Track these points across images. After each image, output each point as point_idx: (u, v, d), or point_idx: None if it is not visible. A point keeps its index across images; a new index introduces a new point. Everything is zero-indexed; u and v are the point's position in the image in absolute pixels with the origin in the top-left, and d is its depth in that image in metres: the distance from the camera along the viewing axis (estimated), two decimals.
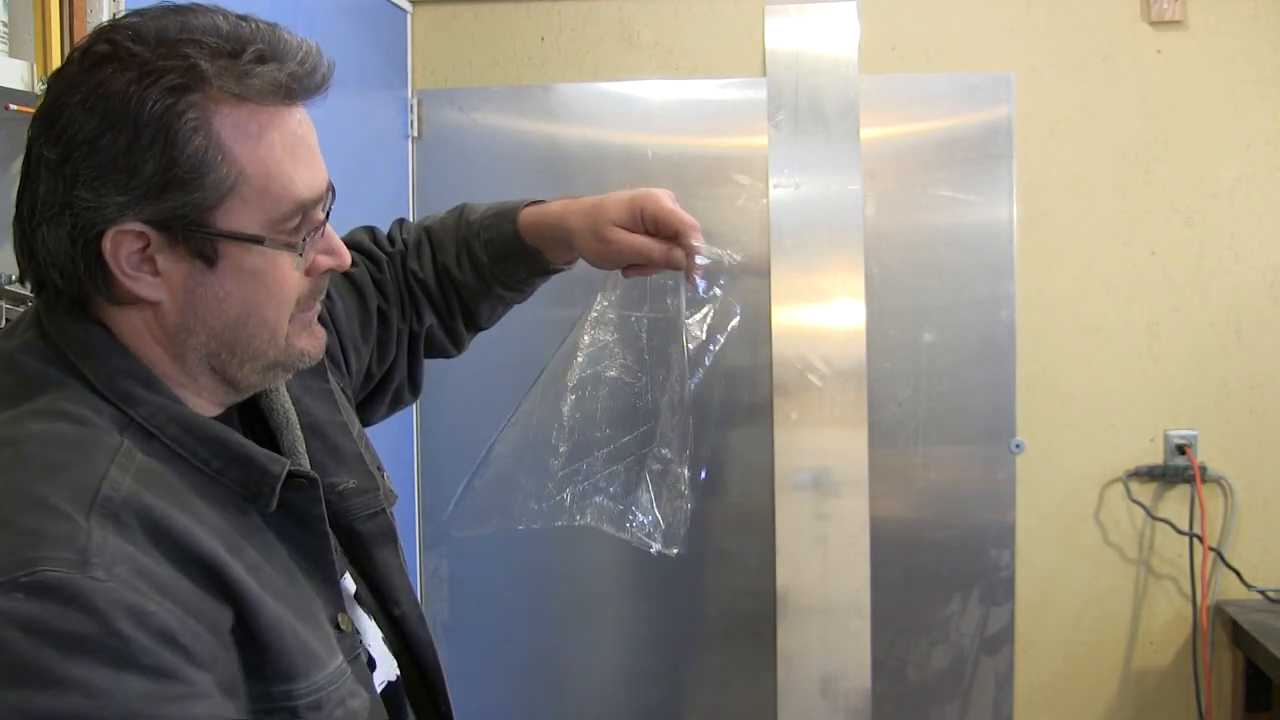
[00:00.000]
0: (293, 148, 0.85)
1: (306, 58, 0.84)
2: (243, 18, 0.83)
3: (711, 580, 2.46)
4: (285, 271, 0.86)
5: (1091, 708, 2.51)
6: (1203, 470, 2.42)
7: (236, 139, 0.81)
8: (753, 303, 2.27)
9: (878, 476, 2.33)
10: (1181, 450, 2.43)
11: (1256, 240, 2.42)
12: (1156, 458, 2.45)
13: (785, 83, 2.34)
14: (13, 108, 1.20)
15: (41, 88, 1.20)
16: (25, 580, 0.71)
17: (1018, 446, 2.41)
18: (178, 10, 0.82)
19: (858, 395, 2.30)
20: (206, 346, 0.86)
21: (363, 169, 2.28)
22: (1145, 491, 2.46)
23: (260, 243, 0.84)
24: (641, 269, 1.19)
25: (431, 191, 2.48)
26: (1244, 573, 2.42)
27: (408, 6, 2.50)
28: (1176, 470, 2.43)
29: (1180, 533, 2.44)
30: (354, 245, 1.25)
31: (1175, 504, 2.45)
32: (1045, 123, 2.43)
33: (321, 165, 0.88)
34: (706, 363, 1.18)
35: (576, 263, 1.26)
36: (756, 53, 2.46)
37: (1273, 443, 2.44)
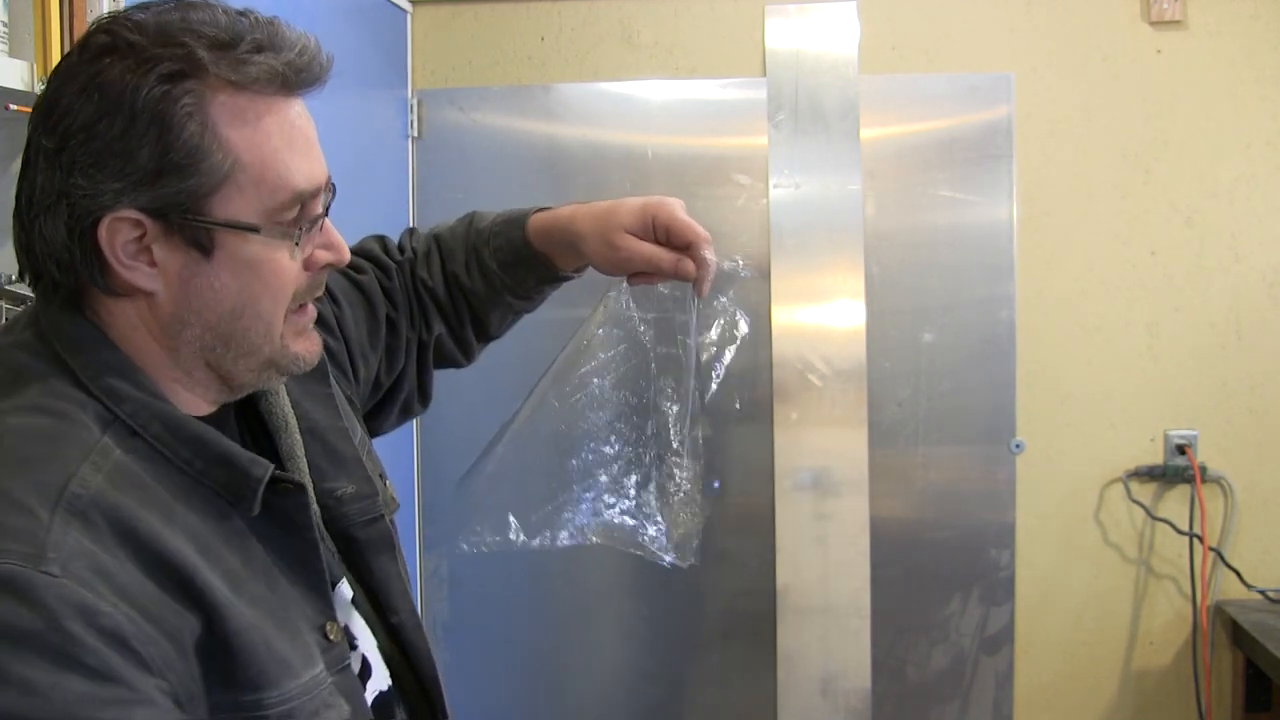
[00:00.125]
0: (290, 137, 0.84)
1: (304, 49, 0.84)
2: (242, 12, 0.84)
3: (711, 580, 2.46)
4: (282, 263, 0.85)
5: (1091, 708, 2.50)
6: (1203, 470, 2.42)
7: (233, 126, 0.81)
8: (753, 303, 2.28)
9: (878, 476, 2.33)
10: (1181, 450, 2.43)
11: (1256, 240, 2.42)
12: (1156, 458, 2.45)
13: (785, 83, 2.34)
14: (13, 108, 1.20)
15: (41, 88, 1.20)
16: None
17: (1018, 446, 2.41)
18: (178, 5, 0.83)
19: (858, 395, 2.30)
20: (201, 339, 0.85)
21: (363, 169, 2.27)
22: (1145, 491, 2.46)
23: (256, 232, 0.83)
24: (649, 277, 1.18)
25: (431, 191, 2.47)
26: (1244, 573, 2.42)
27: (408, 6, 2.50)
28: (1176, 470, 2.43)
29: (1180, 533, 2.44)
30: (364, 253, 1.25)
31: (1175, 504, 2.45)
32: (1045, 123, 2.43)
33: (320, 158, 0.88)
34: (716, 375, 1.18)
35: (586, 271, 1.25)
36: (756, 53, 2.46)
37: (1273, 443, 2.44)
